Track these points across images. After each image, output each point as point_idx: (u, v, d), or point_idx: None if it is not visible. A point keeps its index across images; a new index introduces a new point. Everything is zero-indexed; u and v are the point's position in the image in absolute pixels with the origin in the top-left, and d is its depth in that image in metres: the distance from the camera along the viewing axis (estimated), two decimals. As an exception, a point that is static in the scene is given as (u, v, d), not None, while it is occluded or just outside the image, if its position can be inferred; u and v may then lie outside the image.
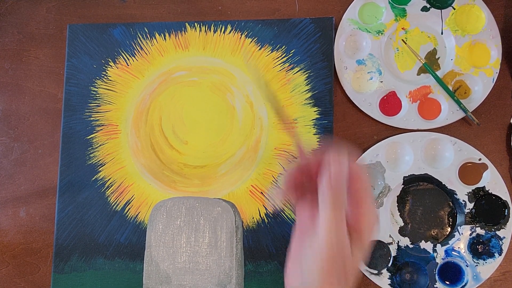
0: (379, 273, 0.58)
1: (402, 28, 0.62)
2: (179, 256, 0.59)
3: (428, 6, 0.62)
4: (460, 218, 0.59)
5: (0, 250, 0.64)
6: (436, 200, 0.60)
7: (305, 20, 0.63)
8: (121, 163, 0.63)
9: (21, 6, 0.69)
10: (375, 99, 0.61)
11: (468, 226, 0.58)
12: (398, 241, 0.59)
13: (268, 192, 0.52)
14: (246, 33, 0.63)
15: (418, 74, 0.62)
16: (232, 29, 0.64)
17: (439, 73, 0.61)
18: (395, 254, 0.58)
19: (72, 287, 0.61)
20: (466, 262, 0.57)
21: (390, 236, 0.59)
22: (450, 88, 0.60)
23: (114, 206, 0.62)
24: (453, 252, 0.58)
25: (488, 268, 0.57)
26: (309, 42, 0.62)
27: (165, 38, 0.64)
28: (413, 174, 0.59)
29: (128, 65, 0.64)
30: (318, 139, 0.60)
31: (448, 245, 0.58)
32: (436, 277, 0.57)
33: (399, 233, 0.59)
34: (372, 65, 0.62)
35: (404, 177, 0.59)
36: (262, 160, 0.61)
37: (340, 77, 0.62)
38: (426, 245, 0.58)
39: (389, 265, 0.58)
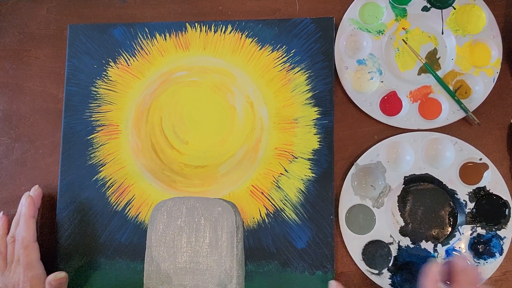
0: (379, 273, 0.58)
1: (402, 28, 0.62)
2: (179, 256, 0.59)
3: (429, 6, 0.62)
4: (460, 218, 0.59)
5: (1, 250, 0.64)
6: (437, 200, 0.60)
7: (306, 20, 0.63)
8: (121, 163, 0.63)
9: (22, 6, 0.69)
10: (376, 99, 0.61)
11: (469, 226, 0.58)
12: (399, 241, 0.59)
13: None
14: (246, 33, 0.63)
15: (419, 74, 0.62)
16: (232, 29, 0.64)
17: (439, 73, 0.61)
18: (396, 254, 0.58)
19: (73, 287, 0.61)
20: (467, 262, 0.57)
21: (390, 236, 0.59)
22: (451, 88, 0.60)
23: (115, 206, 0.62)
24: (454, 252, 0.58)
25: (489, 268, 0.57)
26: (310, 42, 0.62)
27: (165, 38, 0.64)
28: (414, 174, 0.59)
29: (128, 65, 0.64)
30: (319, 139, 0.60)
31: (449, 245, 0.58)
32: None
33: (399, 233, 0.59)
34: (372, 65, 0.62)
35: (405, 177, 0.59)
36: (263, 160, 0.61)
37: (341, 77, 0.62)
38: (427, 245, 0.58)
39: (390, 265, 0.58)
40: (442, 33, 0.62)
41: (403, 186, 0.60)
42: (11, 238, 0.60)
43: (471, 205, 0.58)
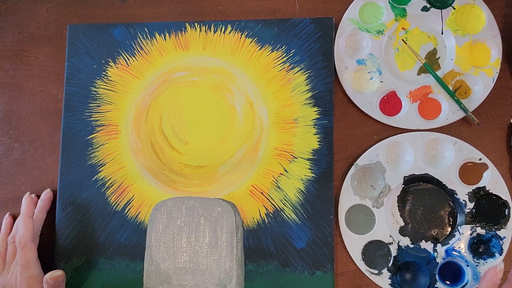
0: (379, 273, 0.58)
1: (402, 28, 0.62)
2: (179, 256, 0.59)
3: (428, 6, 0.62)
4: (460, 218, 0.59)
5: (1, 250, 0.64)
6: (437, 200, 0.60)
7: (305, 20, 0.63)
8: (121, 163, 0.63)
9: (22, 6, 0.69)
10: (375, 99, 0.61)
11: (469, 226, 0.58)
12: (399, 241, 0.59)
13: None
14: (246, 33, 0.63)
15: (418, 74, 0.62)
16: (232, 29, 0.64)
17: (439, 73, 0.61)
18: (396, 254, 0.58)
19: (72, 287, 0.61)
20: (466, 262, 0.57)
21: (390, 236, 0.59)
22: (451, 88, 0.60)
23: (115, 206, 0.62)
24: (453, 252, 0.58)
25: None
26: (309, 42, 0.62)
27: (165, 38, 0.64)
28: (414, 174, 0.59)
29: (128, 65, 0.64)
30: (318, 139, 0.60)
31: (448, 245, 0.58)
32: (437, 277, 0.57)
33: (399, 233, 0.59)
34: (372, 65, 0.62)
35: (405, 177, 0.59)
36: (262, 160, 0.61)
37: (340, 77, 0.62)
38: (427, 245, 0.58)
39: (390, 265, 0.58)
40: (442, 33, 0.62)
41: (403, 186, 0.60)
42: (11, 238, 0.60)
43: (470, 205, 0.58)
